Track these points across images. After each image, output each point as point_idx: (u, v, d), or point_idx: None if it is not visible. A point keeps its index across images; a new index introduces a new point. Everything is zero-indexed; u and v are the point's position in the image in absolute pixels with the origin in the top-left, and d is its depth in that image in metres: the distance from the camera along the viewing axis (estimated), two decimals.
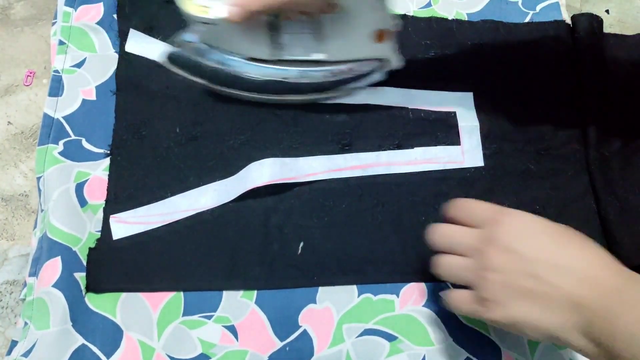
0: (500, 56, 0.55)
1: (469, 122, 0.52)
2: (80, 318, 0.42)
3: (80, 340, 0.42)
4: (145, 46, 0.51)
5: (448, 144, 0.51)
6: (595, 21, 0.55)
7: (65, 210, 0.45)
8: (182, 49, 0.47)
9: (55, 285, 0.42)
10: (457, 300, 0.37)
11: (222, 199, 0.47)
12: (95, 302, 0.43)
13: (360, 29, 0.45)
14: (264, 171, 0.47)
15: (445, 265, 0.37)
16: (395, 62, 0.50)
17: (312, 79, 0.48)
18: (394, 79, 0.52)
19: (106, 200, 0.46)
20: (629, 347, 0.29)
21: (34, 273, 0.43)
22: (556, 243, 0.33)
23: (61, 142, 0.47)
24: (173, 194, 0.47)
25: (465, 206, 0.38)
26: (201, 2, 0.42)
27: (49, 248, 0.43)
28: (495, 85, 0.54)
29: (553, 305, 0.32)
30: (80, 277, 0.43)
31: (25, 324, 0.42)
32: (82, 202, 0.46)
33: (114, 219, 0.45)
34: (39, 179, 0.46)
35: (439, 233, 0.38)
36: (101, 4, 0.53)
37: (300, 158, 0.49)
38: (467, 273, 0.36)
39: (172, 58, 0.48)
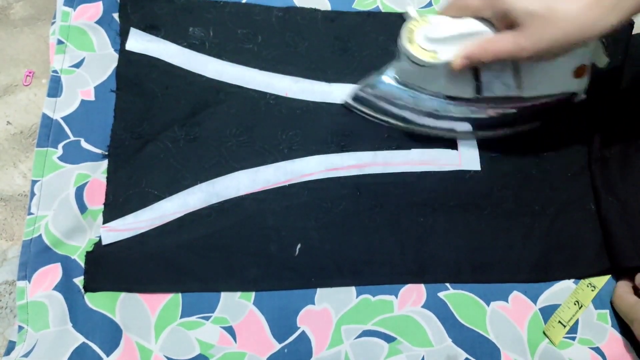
0: None
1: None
2: (80, 318, 0.42)
3: (80, 339, 0.42)
4: (147, 44, 0.51)
5: (446, 147, 0.50)
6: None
7: (65, 220, 0.45)
8: (373, 90, 0.48)
9: (56, 289, 0.42)
10: None
11: (211, 200, 0.47)
12: (95, 301, 0.43)
13: (564, 66, 0.45)
14: (258, 177, 0.47)
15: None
16: (582, 95, 0.48)
17: (505, 115, 0.48)
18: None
19: (105, 204, 0.46)
20: None
21: (24, 277, 0.43)
22: None
23: (60, 146, 0.47)
24: (170, 195, 0.46)
25: None
26: (429, 47, 0.42)
27: (46, 253, 0.43)
28: None
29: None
30: (80, 280, 0.44)
31: (21, 327, 0.41)
32: (82, 208, 0.46)
33: (104, 229, 0.45)
34: (35, 182, 0.46)
35: None
36: (100, 2, 0.53)
37: (297, 159, 0.49)
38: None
39: (358, 98, 0.49)
